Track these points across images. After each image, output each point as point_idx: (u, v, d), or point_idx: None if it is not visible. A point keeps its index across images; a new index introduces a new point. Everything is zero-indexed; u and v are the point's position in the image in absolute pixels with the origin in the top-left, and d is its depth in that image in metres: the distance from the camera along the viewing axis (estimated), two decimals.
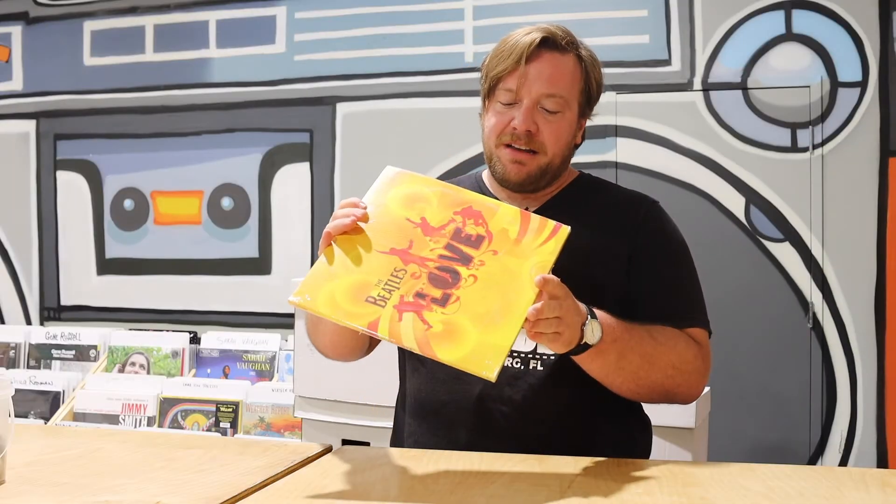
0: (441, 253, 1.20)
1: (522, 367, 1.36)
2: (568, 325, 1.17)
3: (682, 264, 1.45)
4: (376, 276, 1.17)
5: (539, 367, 1.35)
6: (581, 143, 1.49)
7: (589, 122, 1.50)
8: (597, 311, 1.24)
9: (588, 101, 1.44)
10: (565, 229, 1.22)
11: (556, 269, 1.21)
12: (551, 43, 1.38)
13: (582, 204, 1.46)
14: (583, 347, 1.21)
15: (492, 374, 1.08)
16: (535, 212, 1.43)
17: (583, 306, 1.21)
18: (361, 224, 1.22)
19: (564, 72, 1.39)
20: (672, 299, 1.40)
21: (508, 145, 1.39)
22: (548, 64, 1.38)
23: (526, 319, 1.13)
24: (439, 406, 1.40)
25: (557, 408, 1.35)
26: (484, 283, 1.17)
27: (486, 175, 1.52)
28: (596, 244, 1.39)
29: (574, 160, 1.51)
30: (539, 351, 1.36)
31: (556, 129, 1.39)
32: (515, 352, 1.36)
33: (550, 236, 1.22)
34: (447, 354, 1.10)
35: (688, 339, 1.36)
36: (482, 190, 1.49)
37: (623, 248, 1.40)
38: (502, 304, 1.14)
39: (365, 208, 1.23)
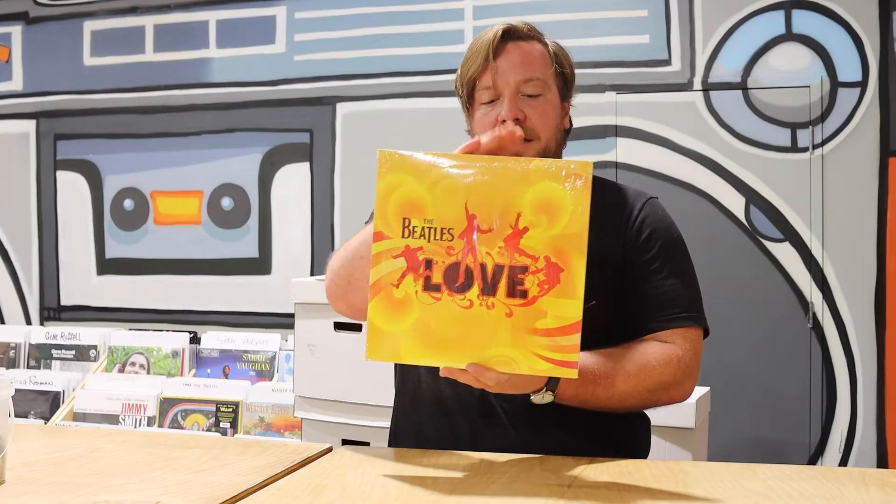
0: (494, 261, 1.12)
1: None
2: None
3: (676, 261, 1.43)
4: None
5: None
6: (570, 129, 1.50)
7: (590, 122, 1.50)
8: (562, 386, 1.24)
9: (565, 83, 1.46)
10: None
11: None
12: (513, 33, 1.41)
13: None
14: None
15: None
16: None
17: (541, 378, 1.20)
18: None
19: (534, 56, 1.41)
20: (663, 299, 1.39)
21: None
22: (516, 52, 1.40)
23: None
24: (441, 399, 1.40)
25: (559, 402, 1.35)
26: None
27: None
28: (595, 235, 1.40)
29: (574, 160, 1.51)
30: None
31: (542, 112, 1.40)
32: None
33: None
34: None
35: (667, 354, 1.35)
36: None
37: (618, 245, 1.40)
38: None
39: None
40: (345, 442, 2.52)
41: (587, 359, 1.27)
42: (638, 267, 1.39)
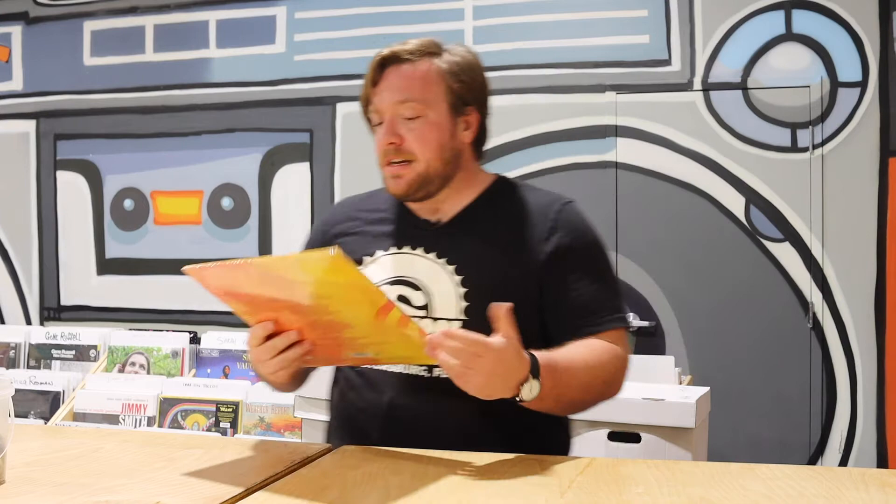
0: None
1: (428, 374, 1.39)
2: (479, 376, 1.18)
3: (596, 265, 1.46)
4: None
5: (444, 374, 1.31)
6: (479, 139, 1.49)
7: (590, 122, 1.50)
8: (542, 358, 1.25)
9: (461, 97, 1.44)
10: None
11: (478, 286, 1.35)
12: (394, 58, 1.44)
13: (495, 211, 1.49)
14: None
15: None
16: (449, 221, 1.48)
17: (526, 360, 1.22)
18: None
19: (413, 77, 1.43)
20: (591, 305, 1.42)
21: (389, 163, 1.44)
22: (394, 76, 1.43)
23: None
24: (356, 412, 1.46)
25: (464, 412, 1.35)
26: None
27: None
28: (508, 250, 1.43)
29: (575, 160, 1.52)
30: None
31: (419, 134, 1.42)
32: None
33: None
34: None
35: (612, 350, 1.39)
36: (398, 202, 1.53)
37: (536, 254, 1.42)
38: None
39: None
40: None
41: (553, 353, 1.30)
42: (560, 277, 1.41)
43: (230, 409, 3.39)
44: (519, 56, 3.56)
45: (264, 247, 3.93)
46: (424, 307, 1.41)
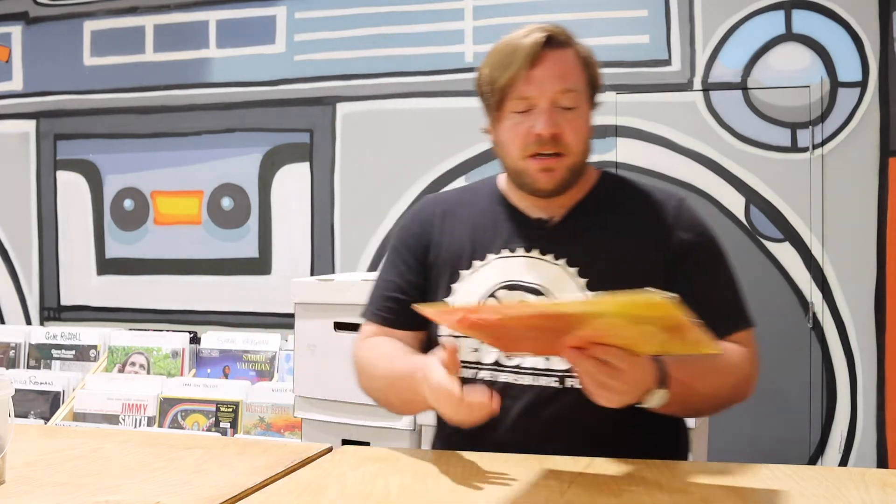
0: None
1: (560, 385, 1.33)
2: (619, 387, 1.12)
3: (720, 264, 1.42)
4: None
5: (577, 384, 1.27)
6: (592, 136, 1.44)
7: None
8: (671, 367, 1.19)
9: (594, 92, 1.40)
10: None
11: (605, 290, 1.18)
12: (552, 41, 1.34)
13: (609, 207, 1.41)
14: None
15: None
16: (562, 219, 1.39)
17: (657, 369, 1.17)
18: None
19: (571, 66, 1.35)
20: (718, 307, 1.35)
21: (534, 154, 1.33)
22: (554, 62, 1.33)
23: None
24: (482, 431, 1.30)
25: (595, 422, 1.28)
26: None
27: (502, 183, 1.47)
28: (630, 249, 1.36)
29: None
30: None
31: (577, 126, 1.34)
32: (550, 371, 1.32)
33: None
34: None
35: (740, 352, 1.36)
36: (501, 199, 1.44)
37: (658, 253, 1.37)
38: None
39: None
40: (345, 442, 2.52)
41: (679, 360, 1.24)
42: (687, 279, 1.33)
43: (230, 409, 3.39)
44: None
45: (264, 247, 3.93)
46: None
